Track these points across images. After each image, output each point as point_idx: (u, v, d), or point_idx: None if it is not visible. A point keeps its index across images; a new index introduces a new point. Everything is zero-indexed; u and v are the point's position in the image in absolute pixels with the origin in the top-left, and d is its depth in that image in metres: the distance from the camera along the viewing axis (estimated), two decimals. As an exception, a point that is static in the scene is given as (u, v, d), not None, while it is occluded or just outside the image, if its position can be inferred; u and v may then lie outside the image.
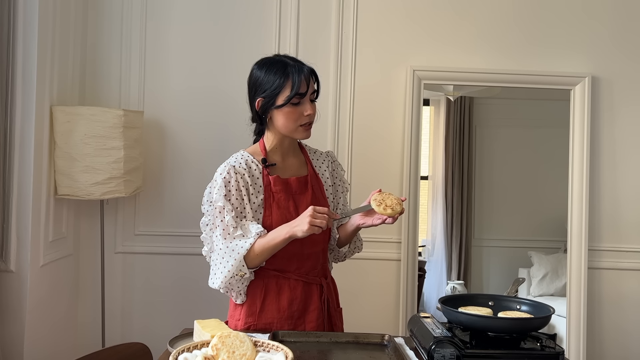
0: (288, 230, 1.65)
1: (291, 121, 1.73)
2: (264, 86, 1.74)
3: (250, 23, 2.71)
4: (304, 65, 1.75)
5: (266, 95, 1.73)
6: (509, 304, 1.68)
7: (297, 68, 1.72)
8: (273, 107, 1.73)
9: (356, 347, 1.60)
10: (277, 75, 1.72)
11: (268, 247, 1.67)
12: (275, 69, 1.73)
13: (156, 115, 2.70)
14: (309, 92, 1.74)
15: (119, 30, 2.68)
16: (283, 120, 1.73)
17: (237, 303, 1.77)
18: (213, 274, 1.73)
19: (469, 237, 3.00)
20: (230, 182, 1.70)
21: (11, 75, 2.23)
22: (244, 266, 1.67)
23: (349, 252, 1.93)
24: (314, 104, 1.77)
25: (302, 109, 1.73)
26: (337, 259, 1.96)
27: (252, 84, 1.79)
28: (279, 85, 1.71)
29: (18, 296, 2.24)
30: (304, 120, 1.74)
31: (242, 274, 1.68)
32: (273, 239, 1.66)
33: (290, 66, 1.73)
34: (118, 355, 1.77)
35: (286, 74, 1.71)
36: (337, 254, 1.93)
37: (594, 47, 2.76)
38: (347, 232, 1.85)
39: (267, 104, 1.74)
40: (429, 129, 3.01)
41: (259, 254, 1.67)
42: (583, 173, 2.70)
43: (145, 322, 2.71)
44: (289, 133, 1.76)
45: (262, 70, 1.75)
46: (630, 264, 2.75)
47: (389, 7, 2.74)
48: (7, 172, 2.24)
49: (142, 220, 2.71)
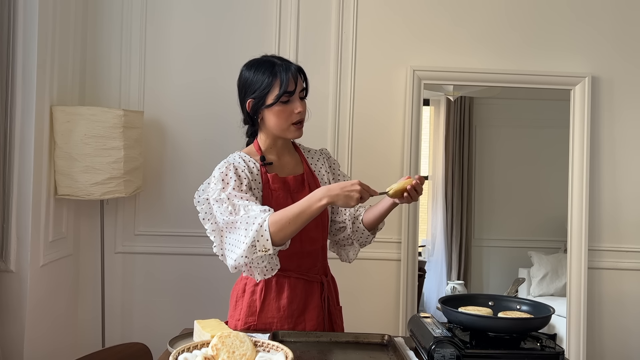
0: (324, 195, 1.56)
1: (282, 120, 1.73)
2: (253, 86, 1.74)
3: (251, 23, 2.71)
4: (291, 64, 1.75)
5: (256, 96, 1.74)
6: (509, 304, 1.68)
7: (284, 67, 1.73)
8: (263, 107, 1.73)
9: (356, 347, 1.60)
10: (266, 75, 1.72)
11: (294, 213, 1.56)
12: (263, 69, 1.74)
13: (156, 115, 2.70)
14: (297, 89, 1.74)
15: (119, 30, 2.68)
16: (274, 120, 1.74)
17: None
18: (230, 252, 1.62)
19: (469, 237, 3.00)
20: (228, 174, 1.68)
21: (11, 75, 2.23)
22: (268, 240, 1.53)
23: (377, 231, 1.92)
24: (304, 102, 1.77)
25: (293, 107, 1.73)
26: (364, 243, 1.92)
27: (241, 86, 1.79)
28: (268, 84, 1.71)
29: (18, 296, 2.24)
30: (295, 118, 1.74)
31: (265, 250, 1.55)
32: (302, 204, 1.57)
33: (278, 65, 1.73)
34: (118, 355, 1.77)
35: (274, 73, 1.72)
36: (365, 238, 1.90)
37: (593, 47, 2.76)
38: (383, 208, 1.80)
39: (257, 104, 1.74)
40: (429, 129, 3.01)
41: (285, 219, 1.55)
42: (583, 173, 2.70)
43: (145, 322, 2.71)
44: (281, 132, 1.76)
45: (250, 71, 1.76)
46: (630, 264, 2.75)
47: (389, 7, 2.74)
48: (7, 172, 2.24)
49: (142, 220, 2.71)
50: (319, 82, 2.69)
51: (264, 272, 1.62)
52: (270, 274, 1.63)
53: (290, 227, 1.56)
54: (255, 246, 1.55)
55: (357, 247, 1.94)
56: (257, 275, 1.63)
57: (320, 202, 1.57)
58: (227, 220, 1.62)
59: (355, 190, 1.56)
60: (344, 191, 1.57)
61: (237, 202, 1.62)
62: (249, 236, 1.56)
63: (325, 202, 1.57)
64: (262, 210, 1.59)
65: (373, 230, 1.90)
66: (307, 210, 1.57)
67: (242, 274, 1.78)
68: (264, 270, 1.62)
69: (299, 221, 1.56)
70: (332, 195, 1.57)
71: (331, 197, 1.57)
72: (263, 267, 1.61)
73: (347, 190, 1.57)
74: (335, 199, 1.57)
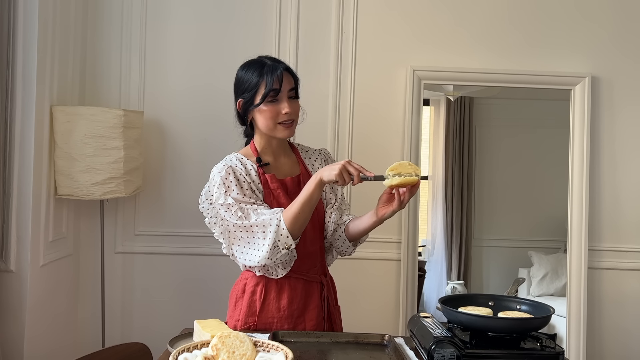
0: (315, 176, 1.63)
1: (269, 119, 1.73)
2: (242, 86, 1.77)
3: (251, 23, 2.71)
4: (280, 64, 1.75)
5: (245, 96, 1.75)
6: (509, 304, 1.68)
7: (272, 67, 1.73)
8: (252, 107, 1.74)
9: (356, 347, 1.60)
10: (254, 75, 1.74)
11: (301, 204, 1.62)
12: (253, 69, 1.75)
13: (156, 115, 2.70)
14: (284, 89, 1.73)
15: (119, 30, 2.68)
16: (262, 119, 1.74)
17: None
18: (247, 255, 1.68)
19: (469, 237, 3.00)
20: (228, 179, 1.70)
21: (11, 75, 2.23)
22: (288, 237, 1.62)
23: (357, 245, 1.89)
24: (294, 103, 1.76)
25: (280, 107, 1.73)
26: (345, 253, 1.91)
27: (235, 86, 1.81)
28: (256, 84, 1.72)
29: (18, 296, 2.24)
30: (282, 119, 1.73)
31: (288, 247, 1.63)
32: (303, 192, 1.63)
33: (267, 66, 1.74)
34: (118, 355, 1.76)
35: (262, 73, 1.73)
36: (345, 249, 1.87)
37: (593, 47, 2.76)
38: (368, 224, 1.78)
39: (246, 103, 1.76)
40: (429, 129, 3.01)
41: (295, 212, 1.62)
42: (583, 173, 2.70)
43: (145, 322, 2.71)
44: (269, 132, 1.76)
45: (242, 71, 1.78)
46: (630, 264, 2.75)
47: (389, 7, 2.74)
48: (7, 172, 2.24)
49: (142, 220, 2.71)
50: (319, 82, 2.69)
51: (284, 266, 1.73)
52: (290, 265, 1.73)
53: (302, 216, 1.64)
54: (278, 246, 1.64)
55: (334, 254, 1.92)
56: (281, 271, 1.73)
57: (314, 182, 1.63)
58: (238, 224, 1.67)
59: (338, 166, 1.60)
60: (329, 166, 1.63)
61: (244, 206, 1.68)
62: (269, 238, 1.63)
63: (317, 180, 1.63)
64: (273, 212, 1.66)
65: (354, 241, 1.86)
66: (309, 196, 1.63)
67: (256, 274, 1.77)
68: (284, 264, 1.73)
69: (307, 209, 1.64)
70: (320, 171, 1.64)
71: (319, 172, 1.64)
72: (285, 262, 1.72)
73: (330, 166, 1.62)
74: (321, 173, 1.63)
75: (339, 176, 1.59)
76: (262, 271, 1.75)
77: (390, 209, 1.69)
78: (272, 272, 1.75)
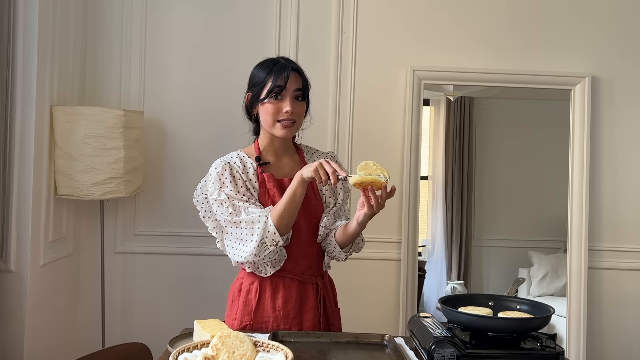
0: (297, 173, 1.66)
1: (270, 115, 1.74)
2: (252, 80, 1.80)
3: (251, 23, 2.71)
4: (290, 63, 1.77)
5: (253, 90, 1.78)
6: (509, 304, 1.68)
7: (282, 65, 1.75)
8: (257, 101, 1.77)
9: (356, 347, 1.60)
10: (265, 72, 1.76)
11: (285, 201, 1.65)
12: (265, 66, 1.78)
13: (156, 115, 2.70)
14: (289, 87, 1.73)
15: (119, 30, 2.68)
16: (264, 115, 1.76)
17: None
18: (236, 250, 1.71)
19: (469, 237, 3.00)
20: (224, 175, 1.72)
21: (11, 75, 2.23)
22: (276, 233, 1.64)
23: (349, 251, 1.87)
24: (298, 104, 1.76)
25: (282, 105, 1.73)
26: (338, 259, 1.89)
27: (248, 81, 1.84)
28: (264, 79, 1.75)
29: (18, 296, 2.24)
30: (282, 117, 1.74)
31: (275, 243, 1.65)
32: (287, 190, 1.67)
33: (278, 64, 1.76)
34: (118, 355, 1.76)
35: (271, 70, 1.75)
36: (337, 254, 1.86)
37: (593, 47, 2.76)
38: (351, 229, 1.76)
39: (253, 97, 1.79)
40: (429, 129, 3.01)
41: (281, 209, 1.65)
42: (583, 173, 2.70)
43: (145, 322, 2.71)
44: (268, 129, 1.77)
45: (256, 68, 1.82)
46: (630, 264, 2.75)
47: (389, 7, 2.74)
48: (7, 172, 2.24)
49: (142, 220, 2.71)
50: (319, 82, 2.68)
51: (273, 265, 1.74)
52: (279, 264, 1.75)
53: (287, 212, 1.66)
54: (265, 242, 1.66)
55: (327, 259, 1.90)
56: (269, 270, 1.75)
57: (296, 179, 1.66)
58: (229, 220, 1.70)
59: (315, 164, 1.61)
60: (310, 164, 1.65)
61: (236, 203, 1.70)
62: (256, 234, 1.66)
63: (299, 177, 1.65)
64: (262, 210, 1.69)
65: (345, 248, 1.84)
66: (292, 193, 1.66)
67: (246, 270, 1.79)
68: (274, 263, 1.74)
69: (291, 205, 1.66)
70: (302, 169, 1.66)
71: (300, 170, 1.66)
72: (274, 259, 1.73)
73: (310, 164, 1.64)
74: (302, 170, 1.65)
75: (315, 172, 1.60)
76: (252, 268, 1.77)
77: (363, 211, 1.69)
78: (262, 270, 1.76)
